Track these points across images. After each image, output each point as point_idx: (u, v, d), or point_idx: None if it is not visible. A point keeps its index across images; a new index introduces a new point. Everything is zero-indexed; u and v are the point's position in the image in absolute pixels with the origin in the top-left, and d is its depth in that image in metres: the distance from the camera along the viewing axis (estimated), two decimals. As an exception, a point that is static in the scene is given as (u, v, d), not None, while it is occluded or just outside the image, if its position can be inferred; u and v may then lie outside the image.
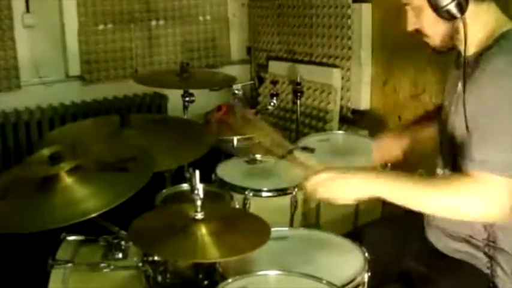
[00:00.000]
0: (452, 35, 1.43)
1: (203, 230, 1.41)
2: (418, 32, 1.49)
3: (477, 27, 1.40)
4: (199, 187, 1.41)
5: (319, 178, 1.43)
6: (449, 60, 1.61)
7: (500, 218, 1.31)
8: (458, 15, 1.35)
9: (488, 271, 1.49)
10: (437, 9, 1.36)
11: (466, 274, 1.50)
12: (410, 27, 1.48)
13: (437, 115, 1.72)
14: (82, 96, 3.78)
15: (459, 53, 1.46)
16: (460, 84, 1.44)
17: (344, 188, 1.41)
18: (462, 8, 1.34)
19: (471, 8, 1.36)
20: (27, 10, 3.51)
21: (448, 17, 1.36)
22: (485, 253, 1.49)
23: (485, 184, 1.29)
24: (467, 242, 1.52)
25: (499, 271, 1.48)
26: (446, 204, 1.33)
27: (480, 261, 1.50)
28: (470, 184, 1.30)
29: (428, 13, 1.39)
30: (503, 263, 1.48)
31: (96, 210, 1.41)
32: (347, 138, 2.61)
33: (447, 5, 1.34)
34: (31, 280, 1.81)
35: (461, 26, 1.37)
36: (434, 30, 1.44)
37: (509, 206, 1.29)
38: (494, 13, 1.42)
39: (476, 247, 1.51)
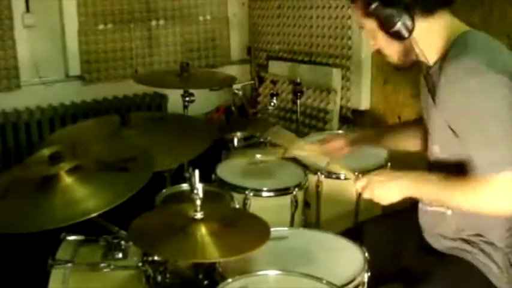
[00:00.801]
0: (407, 52, 1.52)
1: (203, 230, 1.41)
2: (379, 53, 1.57)
3: (434, 38, 1.47)
4: (199, 187, 1.41)
5: (370, 179, 1.56)
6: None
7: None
8: (406, 35, 1.42)
9: (483, 268, 1.50)
10: (387, 32, 1.45)
11: (462, 271, 1.51)
12: (370, 48, 1.59)
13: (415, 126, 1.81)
14: (82, 96, 3.77)
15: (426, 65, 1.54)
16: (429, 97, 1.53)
17: (390, 190, 1.52)
18: (409, 28, 1.41)
19: (421, 25, 1.43)
20: (27, 10, 3.51)
21: (398, 37, 1.44)
22: (479, 249, 1.51)
23: (491, 184, 1.37)
24: (462, 239, 1.53)
25: (494, 267, 1.49)
26: (471, 205, 1.43)
27: (475, 258, 1.51)
28: (482, 186, 1.39)
29: (381, 35, 1.48)
30: (498, 259, 1.49)
31: (96, 210, 1.41)
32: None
33: (393, 27, 1.42)
34: (31, 280, 1.81)
35: (414, 43, 1.46)
36: (390, 49, 1.53)
37: None
38: (448, 20, 1.48)
39: (471, 244, 1.52)
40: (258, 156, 2.31)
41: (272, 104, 2.86)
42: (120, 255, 1.64)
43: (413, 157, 1.94)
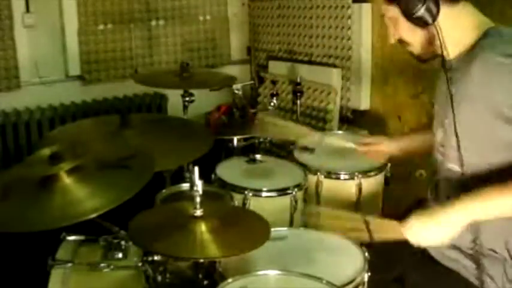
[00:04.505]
0: (431, 40, 1.45)
1: (203, 227, 1.41)
2: (401, 42, 1.51)
3: (456, 29, 1.41)
4: (198, 183, 1.40)
5: (410, 225, 1.41)
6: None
7: None
8: (430, 21, 1.37)
9: (477, 281, 1.45)
10: (410, 17, 1.39)
11: (456, 284, 1.48)
12: (391, 38, 1.52)
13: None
14: (82, 96, 3.77)
15: (443, 57, 1.45)
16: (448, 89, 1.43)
17: (436, 231, 1.38)
18: (433, 14, 1.36)
19: (446, 12, 1.37)
20: (27, 10, 3.51)
21: (421, 23, 1.38)
22: (472, 260, 1.46)
23: None
24: (457, 249, 1.50)
25: (488, 280, 1.44)
26: None
27: (469, 270, 1.48)
28: None
29: (403, 22, 1.42)
30: (492, 271, 1.44)
31: (96, 210, 1.41)
32: (346, 138, 2.60)
33: (417, 11, 1.36)
34: (31, 280, 1.81)
35: (436, 31, 1.39)
36: (413, 37, 1.47)
37: None
38: (471, 13, 1.43)
39: (465, 254, 1.48)
40: (258, 156, 2.31)
41: (272, 104, 2.85)
42: (120, 255, 1.63)
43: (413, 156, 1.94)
